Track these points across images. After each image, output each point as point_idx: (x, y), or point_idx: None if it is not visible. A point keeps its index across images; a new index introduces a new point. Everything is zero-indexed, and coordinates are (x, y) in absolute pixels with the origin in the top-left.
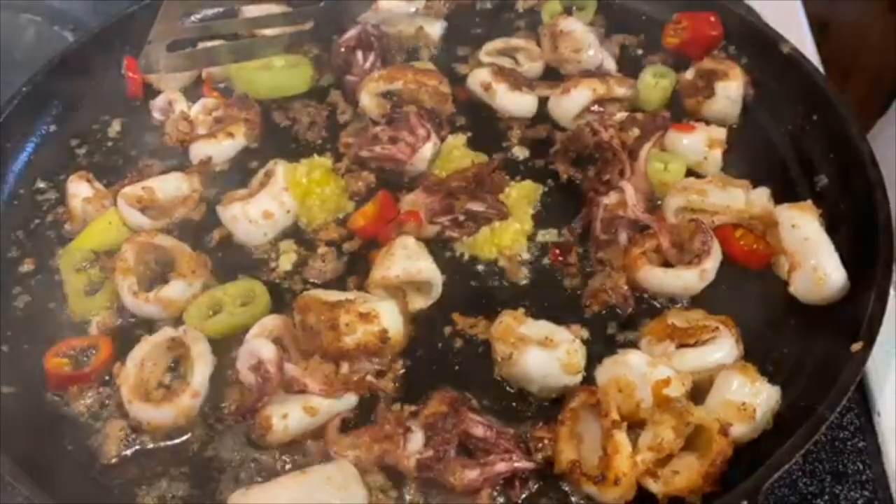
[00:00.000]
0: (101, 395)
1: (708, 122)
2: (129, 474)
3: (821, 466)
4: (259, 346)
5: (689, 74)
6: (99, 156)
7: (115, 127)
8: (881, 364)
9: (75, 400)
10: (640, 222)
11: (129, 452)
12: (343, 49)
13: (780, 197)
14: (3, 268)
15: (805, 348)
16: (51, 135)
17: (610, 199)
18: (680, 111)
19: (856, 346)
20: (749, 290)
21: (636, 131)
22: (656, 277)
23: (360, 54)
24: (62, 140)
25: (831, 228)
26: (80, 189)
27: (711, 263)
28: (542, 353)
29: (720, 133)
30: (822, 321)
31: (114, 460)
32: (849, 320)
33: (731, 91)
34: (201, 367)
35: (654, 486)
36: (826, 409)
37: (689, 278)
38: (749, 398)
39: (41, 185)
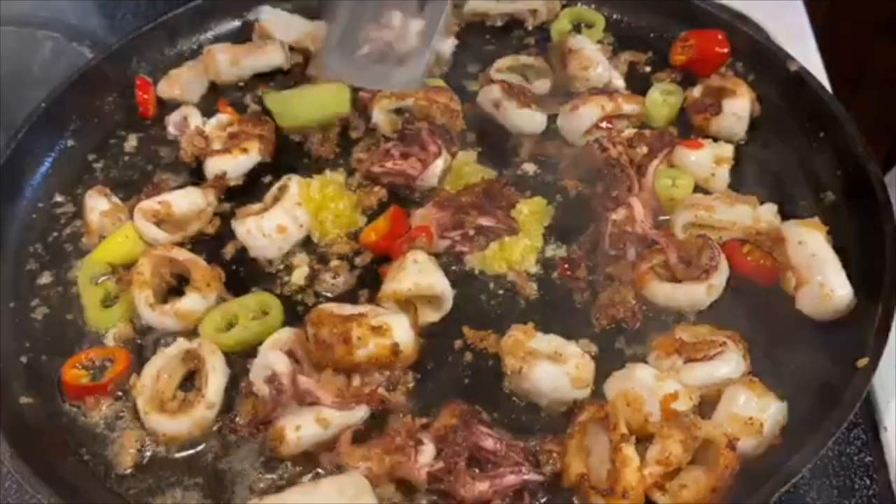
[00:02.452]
0: (117, 406)
1: (715, 139)
2: (144, 484)
3: (828, 481)
4: (273, 359)
5: (696, 92)
6: (115, 170)
7: (132, 142)
8: (887, 379)
9: (92, 410)
10: (648, 238)
11: (144, 462)
12: None
13: (787, 213)
14: (22, 280)
15: (812, 364)
16: (68, 149)
17: (618, 214)
18: (687, 128)
19: (862, 362)
20: (756, 306)
21: (644, 148)
22: (664, 292)
23: None
24: (79, 155)
25: (838, 245)
26: (97, 203)
27: (719, 279)
28: (552, 367)
29: (727, 150)
30: (829, 337)
31: (129, 470)
32: (855, 336)
33: (738, 108)
34: (216, 379)
35: (662, 500)
36: (833, 424)
37: (697, 293)
38: (756, 413)
39: (59, 198)
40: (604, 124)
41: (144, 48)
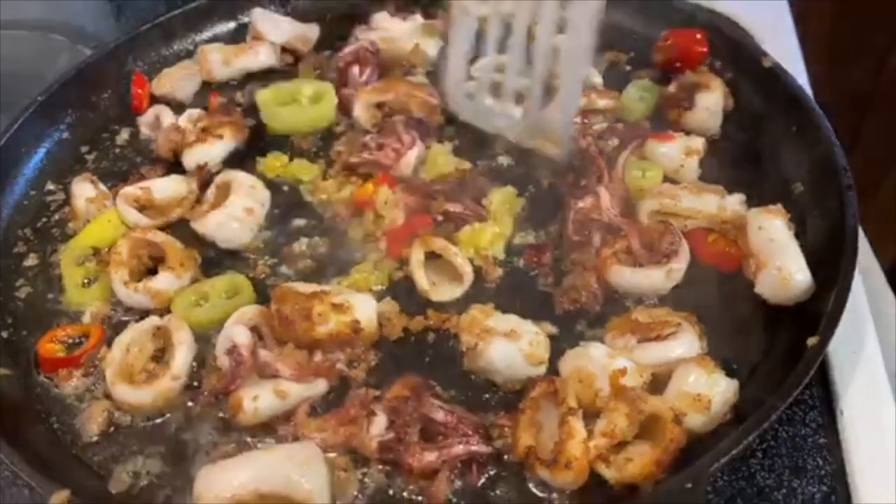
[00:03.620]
0: (88, 381)
1: (689, 133)
2: (108, 452)
3: (780, 461)
4: (235, 332)
5: (671, 87)
6: (106, 161)
7: (124, 135)
8: (846, 363)
9: (64, 382)
10: (613, 225)
11: (110, 431)
12: (341, 64)
13: (756, 204)
14: (9, 262)
15: (769, 346)
16: (63, 141)
17: (584, 202)
18: (664, 124)
19: (812, 341)
20: (718, 292)
21: (615, 140)
22: (624, 276)
23: (356, 69)
24: (73, 146)
25: (804, 233)
26: (83, 189)
27: (679, 264)
28: (507, 343)
29: (697, 142)
30: (788, 321)
31: (95, 438)
32: (813, 320)
33: (710, 102)
34: (181, 352)
35: (607, 472)
36: (777, 399)
37: (657, 277)
38: (705, 389)
39: (51, 186)
40: (577, 119)
41: (141, 47)
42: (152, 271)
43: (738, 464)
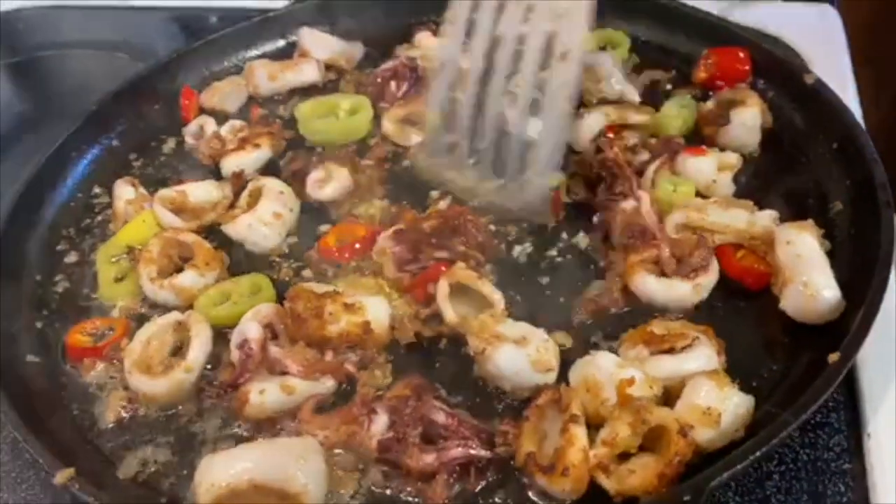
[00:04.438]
0: (110, 371)
1: (724, 150)
2: (121, 439)
3: (798, 485)
4: (247, 327)
5: (709, 104)
6: (151, 168)
7: (170, 144)
8: (878, 386)
9: (87, 372)
10: (650, 231)
11: (125, 420)
12: (380, 79)
13: (791, 220)
14: (51, 258)
15: (791, 365)
16: (113, 148)
17: (627, 204)
18: (701, 141)
19: (833, 357)
20: (745, 309)
21: (646, 154)
22: (650, 285)
23: (393, 84)
24: (122, 153)
25: (840, 252)
26: (124, 191)
27: (707, 279)
28: (514, 349)
29: (731, 158)
30: (813, 339)
31: (110, 425)
32: (839, 338)
33: (745, 118)
34: (197, 346)
35: (607, 483)
36: (791, 416)
37: (683, 290)
38: (715, 403)
39: (97, 190)
40: (611, 135)
41: (192, 62)
42: (181, 271)
43: (752, 485)
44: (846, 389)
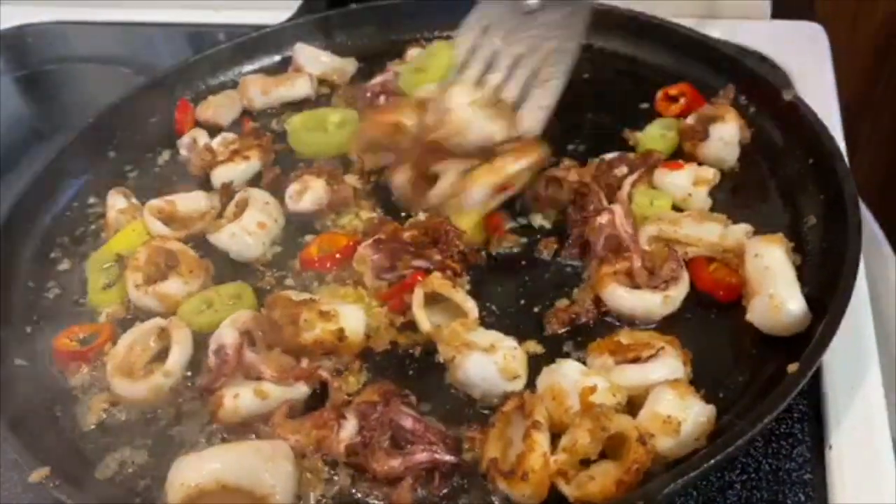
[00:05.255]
0: (93, 375)
1: (703, 165)
2: (101, 441)
3: (759, 494)
4: (224, 333)
5: (689, 119)
6: (146, 179)
7: (165, 156)
8: (842, 398)
9: (72, 376)
10: (624, 242)
11: (105, 423)
12: (368, 94)
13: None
14: (44, 266)
15: (757, 376)
16: (109, 159)
17: (603, 218)
18: (683, 157)
19: (792, 367)
20: (715, 321)
21: (624, 169)
22: (620, 297)
23: (382, 99)
24: (118, 164)
25: (810, 266)
26: (116, 201)
27: (677, 291)
28: (483, 357)
29: (707, 172)
30: (779, 351)
31: (92, 427)
32: (802, 350)
33: (724, 133)
34: (177, 351)
35: (567, 489)
36: (747, 425)
37: (652, 302)
38: (676, 412)
39: (92, 200)
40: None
41: (188, 77)
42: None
43: (714, 494)
44: (811, 401)
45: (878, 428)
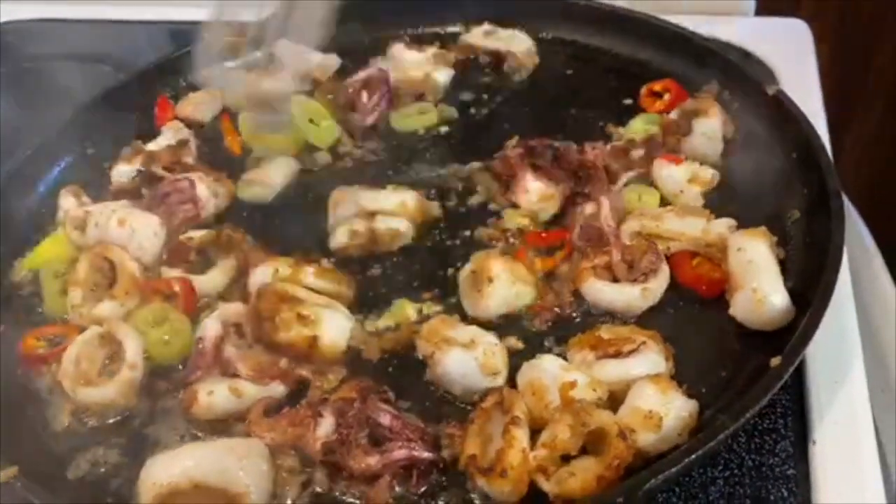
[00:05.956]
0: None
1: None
2: (73, 442)
3: (742, 490)
4: (207, 324)
5: (672, 114)
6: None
7: None
8: (825, 393)
9: (39, 377)
10: (605, 236)
11: (77, 424)
12: (351, 90)
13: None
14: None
15: (740, 371)
16: (88, 156)
17: (590, 208)
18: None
19: (774, 361)
20: (698, 315)
21: (641, 151)
22: (599, 290)
23: (365, 94)
24: (97, 161)
25: (794, 260)
26: (66, 202)
27: (656, 283)
28: (462, 353)
29: (706, 172)
30: (763, 346)
31: (63, 428)
32: (785, 345)
33: (707, 128)
34: (130, 344)
35: (547, 486)
36: (728, 419)
37: (632, 295)
38: (657, 407)
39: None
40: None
41: (169, 74)
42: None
43: (696, 490)
44: (795, 396)
45: (861, 423)
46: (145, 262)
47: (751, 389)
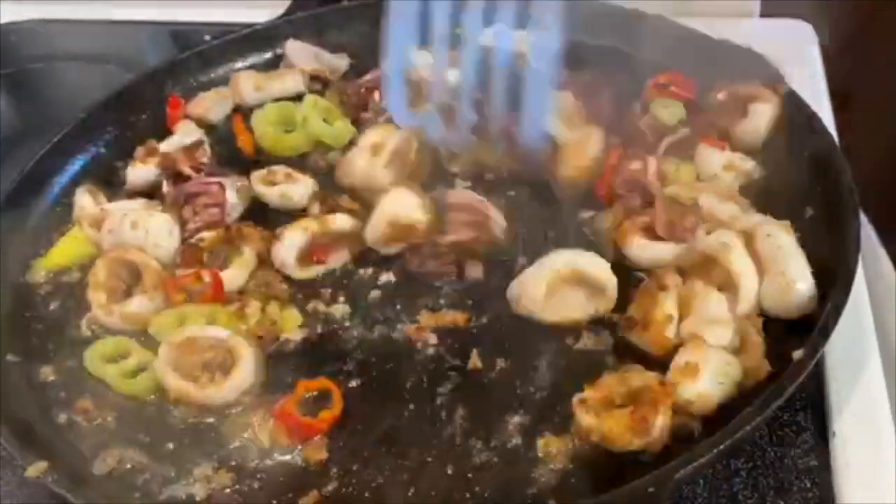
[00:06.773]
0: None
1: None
2: (98, 438)
3: (765, 481)
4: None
5: (720, 95)
6: None
7: None
8: (845, 385)
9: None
10: (649, 193)
11: (99, 421)
12: (362, 90)
13: None
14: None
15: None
16: (100, 156)
17: (635, 164)
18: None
19: (797, 354)
20: None
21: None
22: (642, 247)
23: (377, 95)
24: (109, 161)
25: (810, 257)
26: (82, 200)
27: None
28: None
29: (746, 164)
30: (784, 340)
31: (86, 425)
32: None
33: (764, 113)
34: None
35: (585, 418)
36: (756, 409)
37: (675, 252)
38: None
39: None
40: None
41: (179, 73)
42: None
43: (720, 481)
44: (814, 389)
45: (880, 414)
46: (162, 261)
47: (775, 381)
